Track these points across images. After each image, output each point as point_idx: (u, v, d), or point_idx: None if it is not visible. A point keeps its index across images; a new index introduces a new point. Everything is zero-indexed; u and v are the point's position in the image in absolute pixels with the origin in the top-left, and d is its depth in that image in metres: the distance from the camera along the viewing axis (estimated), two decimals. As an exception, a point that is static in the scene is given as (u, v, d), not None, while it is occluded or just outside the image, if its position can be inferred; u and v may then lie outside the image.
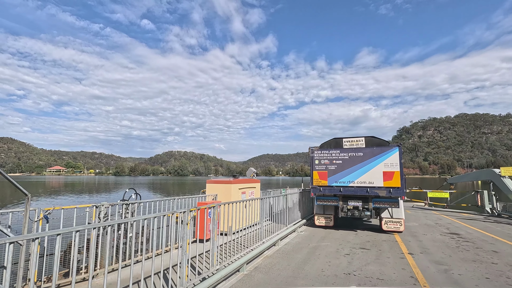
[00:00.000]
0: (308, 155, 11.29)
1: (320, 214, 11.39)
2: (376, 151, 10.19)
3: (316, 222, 11.42)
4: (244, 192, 10.93)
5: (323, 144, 11.37)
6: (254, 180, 12.10)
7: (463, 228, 12.08)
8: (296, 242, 9.01)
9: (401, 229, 10.15)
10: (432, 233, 10.66)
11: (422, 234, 10.42)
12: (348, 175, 10.45)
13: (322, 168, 10.90)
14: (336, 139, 11.22)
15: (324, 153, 10.97)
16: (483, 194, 19.13)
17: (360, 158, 10.38)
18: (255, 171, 14.09)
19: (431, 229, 11.57)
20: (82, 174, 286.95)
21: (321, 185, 10.81)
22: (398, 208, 10.06)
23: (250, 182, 11.63)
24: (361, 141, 10.73)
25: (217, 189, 10.28)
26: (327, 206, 11.32)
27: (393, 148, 9.99)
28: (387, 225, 10.30)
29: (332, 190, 10.64)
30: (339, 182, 10.55)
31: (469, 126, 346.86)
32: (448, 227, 12.31)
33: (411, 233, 10.60)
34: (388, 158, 9.98)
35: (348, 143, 10.91)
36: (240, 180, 10.75)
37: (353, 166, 10.43)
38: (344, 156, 10.65)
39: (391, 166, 9.90)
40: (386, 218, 10.34)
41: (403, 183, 9.68)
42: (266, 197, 9.65)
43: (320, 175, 10.87)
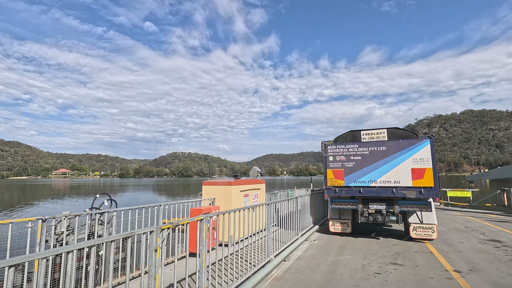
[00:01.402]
0: (321, 150, 9.74)
1: (335, 219, 9.83)
2: (402, 145, 8.60)
3: (331, 228, 9.86)
4: (247, 194, 9.43)
5: (338, 137, 9.81)
6: (258, 181, 10.59)
7: (501, 233, 10.42)
8: (310, 255, 7.47)
9: (433, 237, 8.54)
10: (468, 240, 9.04)
11: (458, 242, 8.80)
12: (368, 174, 8.88)
13: (337, 166, 9.34)
14: (352, 131, 9.65)
15: (339, 148, 9.41)
16: (510, 193, 17.36)
17: (383, 153, 8.80)
18: (259, 170, 12.60)
19: (464, 235, 9.93)
20: (87, 177, 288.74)
21: (337, 186, 9.26)
22: (430, 212, 8.47)
23: (254, 182, 10.12)
24: (383, 133, 9.15)
25: (215, 191, 8.79)
26: (343, 210, 9.76)
27: (424, 140, 8.39)
28: (416, 232, 8.71)
29: (350, 191, 9.08)
30: (358, 181, 8.99)
31: (475, 122, 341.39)
32: (483, 231, 10.66)
33: (444, 240, 9.00)
34: (417, 153, 8.38)
35: (367, 136, 9.33)
36: (242, 181, 9.24)
37: (375, 163, 8.86)
38: (363, 151, 9.07)
39: (421, 162, 8.30)
40: (415, 223, 8.75)
41: (436, 182, 8.08)
42: (273, 202, 8.15)
43: (335, 174, 9.32)
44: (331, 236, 9.84)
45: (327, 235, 10.03)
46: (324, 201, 11.94)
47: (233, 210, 5.52)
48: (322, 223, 11.41)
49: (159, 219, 6.74)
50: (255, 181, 10.29)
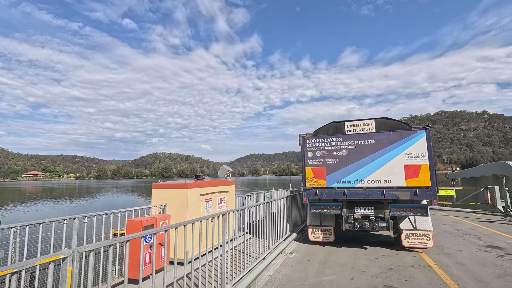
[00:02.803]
0: (299, 144, 8.23)
1: (315, 226, 8.35)
2: (393, 137, 7.25)
3: (311, 237, 8.37)
4: (209, 199, 7.73)
5: (319, 130, 8.34)
6: (226, 182, 8.91)
7: (496, 236, 9.39)
8: (284, 277, 5.90)
9: (428, 246, 7.25)
10: (466, 248, 7.85)
11: (456, 250, 7.58)
12: (354, 172, 7.46)
13: (318, 163, 7.86)
14: (335, 122, 8.21)
15: (320, 142, 7.93)
16: (494, 191, 16.79)
17: (371, 148, 7.41)
18: (230, 170, 10.93)
19: (459, 240, 8.78)
20: (61, 179, 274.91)
21: (317, 187, 7.78)
22: (425, 217, 7.17)
23: (220, 184, 8.44)
24: (370, 125, 7.77)
25: (166, 196, 7.02)
26: (325, 215, 8.30)
27: (419, 132, 7.08)
28: (409, 240, 7.38)
29: (333, 193, 7.62)
30: (342, 181, 7.54)
31: (448, 123, 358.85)
32: (477, 235, 9.60)
33: (439, 249, 7.75)
34: (411, 147, 7.05)
35: (353, 127, 7.93)
36: (203, 182, 7.53)
37: (362, 159, 7.45)
38: (348, 145, 7.65)
39: (416, 158, 6.98)
40: (408, 230, 7.43)
41: (434, 180, 6.78)
42: (241, 209, 6.52)
43: (315, 173, 7.83)
44: (311, 246, 8.34)
45: (306, 244, 8.53)
46: (303, 204, 10.46)
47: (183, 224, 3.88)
48: (301, 229, 9.92)
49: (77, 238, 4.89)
50: (222, 183, 8.62)
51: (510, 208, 15.82)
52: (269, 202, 7.07)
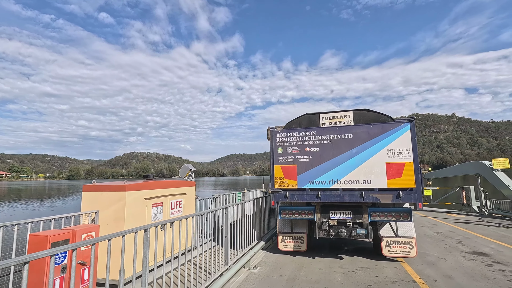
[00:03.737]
0: (267, 138, 7.10)
1: (286, 233, 7.26)
2: (374, 131, 6.30)
3: (280, 246, 7.27)
4: (158, 203, 6.40)
5: (290, 122, 7.26)
6: (183, 183, 7.61)
7: (478, 240, 8.78)
8: (241, 301, 4.72)
9: (411, 255, 6.36)
10: (450, 255, 7.08)
11: (440, 259, 6.77)
12: (329, 171, 6.43)
13: (288, 161, 6.77)
14: (309, 114, 7.17)
15: (291, 137, 6.84)
16: (469, 191, 16.65)
17: (349, 143, 6.42)
18: (193, 169, 9.62)
19: (441, 246, 8.05)
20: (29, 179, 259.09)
21: (288, 188, 6.68)
22: (408, 222, 6.28)
23: (175, 185, 7.13)
24: (349, 117, 6.80)
25: (99, 200, 5.61)
26: (297, 221, 7.24)
27: (402, 125, 6.17)
28: (389, 249, 6.47)
29: (305, 195, 6.56)
30: (315, 182, 6.50)
31: (421, 125, 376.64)
32: (458, 239, 8.96)
33: (422, 256, 6.92)
34: (394, 142, 6.13)
35: (328, 120, 6.92)
36: (151, 183, 6.19)
37: (338, 156, 6.44)
38: (322, 140, 6.61)
39: (399, 154, 6.06)
40: (389, 237, 6.51)
41: (419, 181, 5.89)
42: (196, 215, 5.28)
43: (285, 172, 6.73)
44: (280, 256, 7.24)
45: (275, 255, 7.41)
46: (273, 208, 9.36)
47: (107, 237, 2.63)
48: (271, 236, 8.80)
49: None
50: (178, 184, 7.30)
51: (485, 208, 15.70)
52: (227, 208, 5.87)
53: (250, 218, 7.44)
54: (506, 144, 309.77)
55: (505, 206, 14.27)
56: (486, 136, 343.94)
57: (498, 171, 14.77)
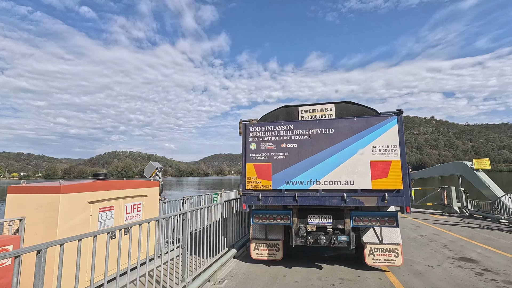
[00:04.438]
0: (239, 133, 6.26)
1: (259, 240, 6.45)
2: (357, 125, 5.60)
3: (253, 254, 6.46)
4: (108, 207, 5.42)
5: (266, 116, 6.47)
6: (143, 183, 6.64)
7: (463, 244, 8.34)
8: (196, 329, 3.85)
9: (397, 263, 5.72)
10: (437, 261, 6.53)
11: (427, 267, 6.18)
12: (308, 170, 5.68)
13: (262, 158, 5.96)
14: (286, 107, 6.41)
15: (266, 131, 6.04)
16: (450, 191, 16.52)
17: (329, 139, 5.69)
18: (160, 167, 8.63)
19: (427, 251, 7.51)
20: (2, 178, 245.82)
21: (261, 189, 5.87)
22: (394, 228, 5.63)
23: (132, 186, 6.15)
24: (330, 110, 6.08)
25: (27, 205, 4.57)
26: (272, 226, 6.45)
27: (389, 119, 5.51)
28: (373, 257, 5.80)
29: (280, 197, 5.77)
30: (292, 182, 5.72)
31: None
32: (444, 243, 8.49)
33: (408, 264, 6.32)
34: (379, 137, 5.45)
35: (308, 113, 6.18)
36: (97, 184, 5.20)
37: (318, 154, 5.70)
38: (301, 135, 5.85)
39: (385, 152, 5.39)
40: (373, 244, 5.84)
41: (407, 182, 5.24)
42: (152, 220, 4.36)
43: (259, 171, 5.92)
44: (253, 266, 6.42)
45: (248, 264, 6.59)
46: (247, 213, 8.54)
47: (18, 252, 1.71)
48: (246, 241, 7.97)
49: None
50: (135, 184, 6.32)
51: (465, 208, 15.60)
52: (184, 213, 4.97)
53: (219, 223, 6.58)
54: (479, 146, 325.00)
55: (486, 207, 14.16)
56: (462, 138, 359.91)
57: (479, 171, 14.68)
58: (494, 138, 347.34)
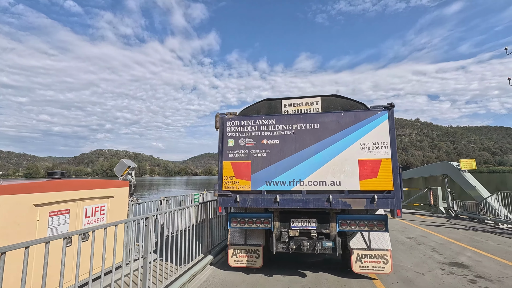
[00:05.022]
0: (215, 128, 5.67)
1: (238, 246, 5.88)
2: (345, 120, 5.11)
3: (231, 261, 5.88)
4: (63, 211, 4.72)
5: (247, 109, 5.90)
6: (109, 183, 5.94)
7: (453, 247, 8.04)
8: None
9: (386, 270, 5.27)
10: (427, 267, 6.13)
11: (417, 273, 5.77)
12: (291, 169, 5.14)
13: (241, 156, 5.38)
14: (269, 100, 5.86)
15: (246, 126, 5.47)
16: (436, 192, 16.44)
17: (315, 135, 5.18)
18: (133, 165, 7.94)
19: (416, 255, 7.14)
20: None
21: (239, 190, 5.29)
22: (383, 232, 5.17)
23: (93, 186, 5.45)
24: (316, 104, 5.58)
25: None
26: (251, 230, 5.88)
27: (379, 113, 5.04)
28: (361, 264, 5.33)
29: (260, 199, 5.21)
30: (273, 183, 5.17)
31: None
32: (432, 245, 8.16)
33: (397, 270, 5.89)
34: (368, 134, 4.98)
35: (292, 107, 5.65)
36: (45, 184, 4.50)
37: (301, 151, 5.17)
38: (284, 130, 5.31)
39: (374, 149, 4.91)
40: (360, 249, 5.37)
41: (398, 182, 4.78)
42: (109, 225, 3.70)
43: (237, 170, 5.34)
44: (230, 274, 5.84)
45: (225, 272, 6.00)
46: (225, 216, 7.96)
47: None
48: (224, 246, 7.38)
49: None
50: (98, 184, 5.62)
51: (451, 209, 15.54)
52: (147, 217, 4.33)
53: (194, 227, 5.97)
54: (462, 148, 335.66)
55: (471, 208, 14.09)
56: (445, 140, 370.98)
57: (465, 172, 14.61)
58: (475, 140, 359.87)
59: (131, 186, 7.74)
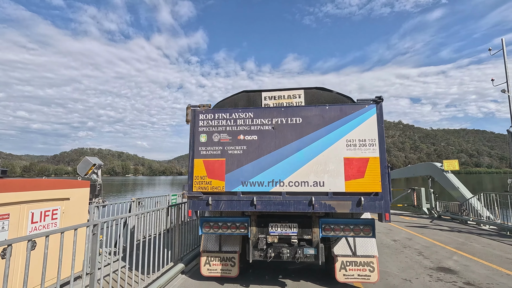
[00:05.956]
0: (186, 121, 5.06)
1: (212, 253, 5.29)
2: (329, 114, 4.63)
3: (204, 270, 5.28)
4: (1, 216, 3.98)
5: (223, 102, 5.33)
6: (63, 183, 5.21)
7: (439, 250, 7.78)
8: None
9: (372, 279, 4.84)
10: (414, 273, 5.77)
11: (404, 281, 5.38)
12: (269, 168, 4.61)
13: (214, 153, 4.80)
14: (247, 92, 5.32)
15: (220, 119, 4.89)
16: (420, 192, 16.43)
17: (297, 130, 4.67)
18: (99, 163, 7.17)
19: (402, 259, 6.80)
20: None
21: (212, 192, 4.70)
22: (369, 238, 4.72)
23: (42, 187, 4.72)
24: (299, 97, 5.08)
25: None
26: (227, 236, 5.31)
27: (367, 107, 4.59)
28: (345, 272, 4.87)
29: (235, 202, 4.64)
30: (250, 183, 4.62)
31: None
32: (418, 248, 7.88)
33: (383, 277, 5.48)
34: (355, 130, 4.52)
35: (273, 100, 5.14)
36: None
37: (282, 148, 4.65)
38: (263, 125, 4.77)
39: (361, 147, 4.46)
40: (345, 256, 4.91)
41: (386, 183, 4.34)
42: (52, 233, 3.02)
43: (209, 168, 4.75)
44: (203, 284, 5.24)
45: (197, 282, 5.40)
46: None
47: None
48: (198, 253, 6.76)
49: None
50: (49, 184, 4.89)
51: (434, 210, 15.55)
52: (95, 225, 3.68)
53: (164, 232, 5.33)
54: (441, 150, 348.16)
55: (454, 208, 14.09)
56: (426, 142, 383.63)
57: (448, 172, 14.62)
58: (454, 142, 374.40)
59: (96, 187, 6.99)
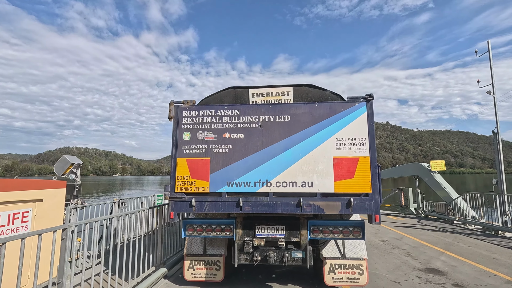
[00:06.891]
0: (169, 118, 4.80)
1: (196, 256, 5.05)
2: (319, 112, 4.46)
3: (187, 275, 5.04)
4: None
5: (209, 98, 5.10)
6: (34, 184, 4.86)
7: (426, 250, 7.77)
8: None
9: (361, 282, 4.71)
10: (403, 275, 5.69)
11: (393, 283, 5.29)
12: (256, 168, 4.40)
13: (198, 152, 4.55)
14: (234, 88, 5.10)
15: (205, 116, 4.65)
16: (407, 192, 16.62)
17: (285, 128, 4.48)
18: (78, 162, 6.80)
19: (390, 260, 6.73)
20: None
21: (195, 192, 4.46)
22: (359, 240, 4.58)
23: (9, 188, 4.36)
24: (287, 94, 4.90)
25: None
26: (212, 239, 5.08)
27: (357, 105, 4.44)
28: (334, 275, 4.73)
29: (220, 203, 4.41)
30: (236, 184, 4.40)
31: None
32: (406, 249, 7.85)
33: (372, 280, 5.37)
34: (344, 128, 4.37)
35: (261, 97, 4.94)
36: None
37: (269, 147, 4.45)
38: (249, 123, 4.56)
39: (351, 146, 4.31)
40: (334, 259, 4.77)
41: (376, 183, 4.21)
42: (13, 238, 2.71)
43: (193, 168, 4.50)
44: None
45: (181, 286, 5.15)
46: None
47: None
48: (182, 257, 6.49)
49: None
50: (18, 185, 4.53)
51: (421, 210, 15.74)
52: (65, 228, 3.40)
53: (145, 235, 5.05)
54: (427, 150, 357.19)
55: (440, 208, 14.28)
56: (413, 142, 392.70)
57: (435, 173, 14.81)
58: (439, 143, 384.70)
59: (75, 187, 6.62)
